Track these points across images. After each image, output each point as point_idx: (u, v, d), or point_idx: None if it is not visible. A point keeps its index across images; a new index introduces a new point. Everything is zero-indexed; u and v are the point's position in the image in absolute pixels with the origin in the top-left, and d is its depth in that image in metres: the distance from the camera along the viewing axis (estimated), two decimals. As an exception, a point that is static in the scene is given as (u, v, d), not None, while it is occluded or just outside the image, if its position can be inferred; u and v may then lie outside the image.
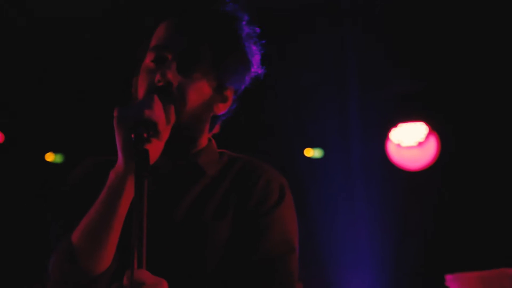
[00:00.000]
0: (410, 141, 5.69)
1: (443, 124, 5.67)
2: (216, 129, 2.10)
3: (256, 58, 2.05)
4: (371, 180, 5.68)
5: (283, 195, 2.00)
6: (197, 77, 1.95)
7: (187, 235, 1.94)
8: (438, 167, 5.70)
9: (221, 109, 2.03)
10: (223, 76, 1.99)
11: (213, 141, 2.10)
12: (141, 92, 1.94)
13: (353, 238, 5.69)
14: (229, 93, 2.03)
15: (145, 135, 1.72)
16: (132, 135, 1.71)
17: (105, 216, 1.81)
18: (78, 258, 1.82)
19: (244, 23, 2.02)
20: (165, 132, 1.80)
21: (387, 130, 5.73)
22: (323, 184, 5.68)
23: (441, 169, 5.68)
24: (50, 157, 5.88)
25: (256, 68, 2.06)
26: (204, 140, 2.06)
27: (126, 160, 1.76)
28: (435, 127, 5.70)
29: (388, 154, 5.74)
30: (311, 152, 5.90)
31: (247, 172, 2.03)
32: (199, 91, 1.95)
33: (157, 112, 1.77)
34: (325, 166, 5.77)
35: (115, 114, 1.77)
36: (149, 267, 1.75)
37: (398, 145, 5.72)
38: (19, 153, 5.77)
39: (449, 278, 4.21)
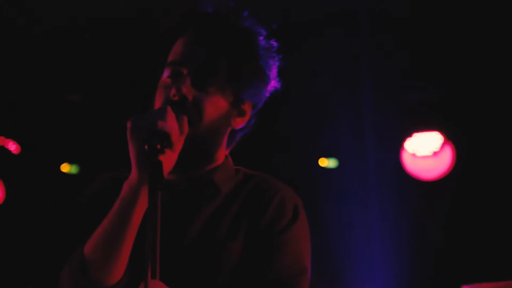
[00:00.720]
0: (425, 151, 5.67)
1: (458, 133, 5.65)
2: (234, 144, 2.10)
3: (273, 72, 2.05)
4: (386, 190, 5.66)
5: (296, 215, 2.01)
6: (213, 91, 1.96)
7: (200, 253, 1.95)
8: (453, 177, 5.67)
9: (239, 123, 2.04)
10: (239, 90, 2.00)
11: (229, 158, 2.10)
12: (157, 106, 1.95)
13: (367, 248, 5.66)
14: (247, 107, 2.04)
15: (158, 146, 1.73)
16: (146, 146, 1.72)
17: (118, 227, 1.82)
18: (90, 269, 1.83)
19: (261, 37, 2.02)
20: (178, 143, 1.81)
21: (402, 139, 5.71)
22: (338, 194, 5.67)
23: (456, 179, 5.66)
24: (65, 168, 5.90)
25: (274, 82, 2.05)
26: (221, 155, 2.06)
27: (139, 171, 1.77)
28: (450, 136, 5.68)
29: (403, 164, 5.72)
30: (326, 162, 5.89)
31: (261, 190, 2.04)
32: (215, 104, 1.96)
33: (170, 123, 1.78)
34: (340, 176, 5.76)
35: (129, 125, 1.77)
36: (162, 278, 1.76)
37: (413, 155, 5.70)
38: (35, 163, 5.79)
39: (465, 289, 4.18)
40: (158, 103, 1.96)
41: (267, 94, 2.06)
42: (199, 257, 1.94)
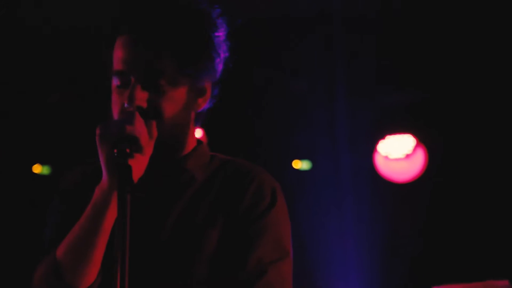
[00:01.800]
0: (398, 153, 5.70)
1: (431, 136, 5.68)
2: (203, 120, 2.07)
3: (223, 41, 2.00)
4: (359, 192, 5.68)
5: (275, 199, 1.99)
6: (167, 88, 1.92)
7: (178, 242, 1.94)
8: (426, 179, 5.71)
9: (201, 104, 2.01)
10: (193, 74, 1.95)
11: (204, 144, 2.08)
12: (115, 114, 1.93)
13: (341, 250, 5.68)
14: (206, 85, 2.00)
15: (127, 150, 1.72)
16: (115, 150, 1.72)
17: (90, 232, 1.82)
18: (63, 273, 1.84)
19: (198, 13, 1.97)
20: (148, 147, 1.81)
21: (375, 142, 5.74)
22: (311, 196, 5.68)
23: (429, 181, 5.69)
24: (37, 169, 5.86)
25: (225, 53, 2.01)
26: (191, 140, 2.04)
27: (110, 176, 1.77)
28: (422, 139, 5.71)
29: (376, 166, 5.75)
30: (299, 164, 5.90)
31: (238, 176, 2.02)
32: (172, 100, 1.93)
33: (139, 128, 1.78)
34: (313, 178, 5.77)
35: (97, 131, 1.77)
36: (140, 277, 1.78)
37: (386, 157, 5.72)
38: (6, 165, 5.75)
39: (435, 291, 4.20)
40: (115, 111, 1.94)
41: (222, 65, 2.01)
42: (177, 247, 1.94)
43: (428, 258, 5.65)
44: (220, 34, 1.99)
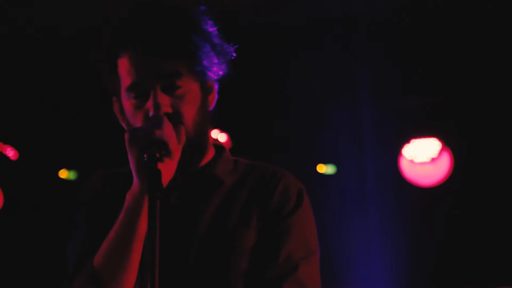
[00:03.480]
0: (423, 157, 5.68)
1: (456, 140, 5.66)
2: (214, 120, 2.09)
3: (223, 44, 2.01)
4: (384, 196, 5.66)
5: (301, 199, 2.03)
6: (184, 90, 1.95)
7: (213, 246, 1.96)
8: (451, 183, 5.68)
9: (211, 102, 2.05)
10: (202, 76, 1.98)
11: (227, 150, 2.12)
12: (138, 125, 1.93)
13: (366, 255, 5.67)
14: (210, 83, 2.04)
15: (157, 154, 1.74)
16: (145, 155, 1.73)
17: (125, 238, 1.83)
18: (102, 281, 1.85)
19: (197, 17, 1.99)
20: (176, 152, 1.82)
21: (400, 146, 5.72)
22: (336, 201, 5.67)
23: (454, 186, 5.66)
24: (63, 174, 5.90)
25: (226, 51, 2.03)
26: (210, 141, 2.08)
27: (141, 181, 1.78)
28: (448, 143, 5.69)
29: (401, 170, 5.73)
30: (324, 168, 5.89)
31: (265, 178, 2.05)
32: (191, 102, 1.96)
33: (168, 132, 1.79)
34: (338, 182, 5.76)
35: (127, 136, 1.78)
36: (175, 285, 1.82)
37: (411, 161, 5.70)
38: (33, 169, 5.79)
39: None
40: (137, 123, 1.93)
41: (226, 62, 2.03)
42: (212, 250, 1.95)
43: (454, 262, 5.63)
44: (217, 33, 2.01)
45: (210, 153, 2.08)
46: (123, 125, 2.02)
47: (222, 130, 5.50)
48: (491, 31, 5.20)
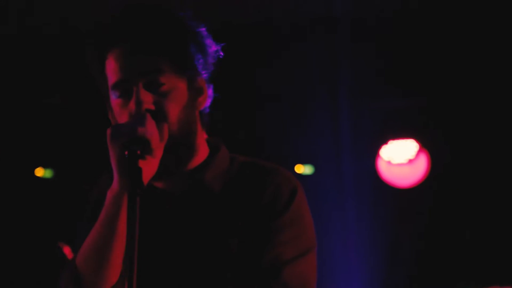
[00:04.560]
0: (401, 158, 5.70)
1: (434, 141, 5.68)
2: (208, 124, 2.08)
3: (208, 39, 2.01)
4: (362, 197, 5.67)
5: (293, 196, 2.00)
6: (168, 88, 1.93)
7: (200, 257, 1.95)
8: (429, 184, 5.70)
9: (202, 103, 2.02)
10: (188, 74, 1.97)
11: (224, 147, 2.10)
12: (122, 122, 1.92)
13: (343, 255, 5.67)
14: (201, 83, 2.02)
15: (138, 152, 1.72)
16: (126, 152, 1.72)
17: (105, 237, 1.82)
18: (83, 281, 1.84)
19: (180, 15, 1.99)
20: (158, 150, 1.81)
21: (378, 147, 5.74)
22: (313, 201, 5.65)
23: (432, 187, 5.69)
24: (39, 172, 5.86)
25: (214, 47, 2.03)
26: (202, 143, 2.05)
27: (121, 178, 1.77)
28: (425, 144, 5.71)
29: (379, 171, 5.74)
30: (302, 169, 5.90)
31: (257, 178, 2.02)
32: (175, 100, 1.94)
33: (150, 129, 1.78)
34: (315, 183, 5.76)
35: (108, 132, 1.77)
36: None
37: (389, 162, 5.72)
38: (8, 167, 5.74)
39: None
40: (122, 122, 1.92)
41: (212, 60, 2.03)
42: (201, 259, 1.94)
43: (430, 263, 5.65)
44: (202, 32, 2.01)
45: (202, 155, 2.04)
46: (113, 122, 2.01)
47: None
48: (471, 33, 5.23)
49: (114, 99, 1.94)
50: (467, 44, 5.30)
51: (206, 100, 2.03)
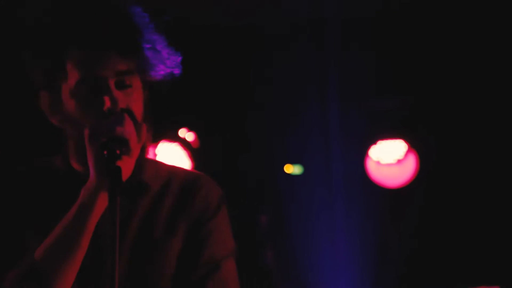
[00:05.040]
0: (389, 159, 5.71)
1: (422, 142, 5.70)
2: None
3: (170, 47, 2.01)
4: (351, 197, 5.68)
5: (221, 203, 2.09)
6: (133, 90, 1.94)
7: (140, 256, 1.97)
8: (417, 184, 5.72)
9: (147, 104, 2.04)
10: (147, 76, 1.98)
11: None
12: (87, 120, 1.89)
13: (332, 255, 5.68)
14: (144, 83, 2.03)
15: (117, 151, 1.73)
16: (105, 152, 1.73)
17: (75, 233, 1.82)
18: (42, 275, 1.82)
19: (138, 11, 1.98)
20: (135, 150, 1.82)
21: (367, 147, 5.75)
22: (302, 201, 5.68)
23: (420, 187, 5.70)
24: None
25: (172, 55, 2.02)
26: None
27: (98, 177, 1.77)
28: (414, 144, 5.72)
29: (368, 171, 5.76)
30: (291, 168, 5.90)
31: (188, 184, 2.08)
32: (138, 101, 1.96)
33: (128, 129, 1.79)
34: (305, 183, 5.78)
35: (87, 131, 1.78)
36: None
37: (378, 163, 5.73)
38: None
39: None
40: (88, 117, 1.89)
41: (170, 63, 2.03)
42: (140, 257, 1.97)
43: (419, 263, 5.66)
44: (162, 36, 2.01)
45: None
46: (53, 120, 1.98)
47: (190, 129, 5.49)
48: (459, 32, 5.25)
49: (78, 94, 1.90)
50: (455, 44, 5.32)
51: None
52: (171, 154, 5.31)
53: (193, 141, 5.47)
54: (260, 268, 5.46)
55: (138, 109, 1.94)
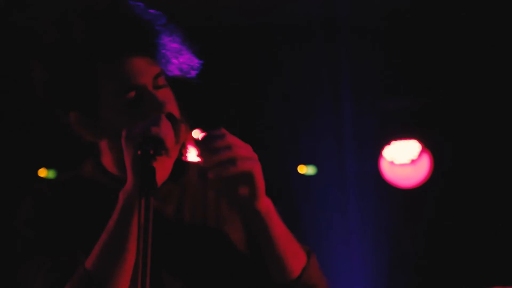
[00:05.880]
0: (403, 159, 5.69)
1: (437, 142, 5.68)
2: None
3: (192, 53, 2.02)
4: (364, 197, 5.67)
5: None
6: (167, 91, 1.96)
7: (201, 244, 1.97)
8: (431, 185, 5.70)
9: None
10: (176, 76, 2.00)
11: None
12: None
13: (346, 256, 5.67)
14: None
15: (151, 151, 1.71)
16: (139, 152, 1.71)
17: (120, 237, 1.80)
18: (98, 284, 1.81)
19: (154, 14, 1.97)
20: (174, 151, 1.80)
21: (381, 147, 5.73)
22: (316, 202, 5.67)
23: (434, 187, 5.68)
24: (43, 173, 5.84)
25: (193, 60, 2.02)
26: None
27: (135, 179, 1.75)
28: (428, 145, 5.71)
29: (381, 172, 5.74)
30: (305, 169, 5.89)
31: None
32: (173, 102, 1.97)
33: (164, 129, 1.77)
34: (318, 183, 5.76)
35: (123, 133, 1.76)
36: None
37: (391, 163, 5.72)
38: (11, 169, 5.72)
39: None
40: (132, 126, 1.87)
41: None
42: (203, 246, 1.97)
43: (433, 263, 5.64)
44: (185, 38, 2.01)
45: None
46: (89, 138, 1.98)
47: (203, 130, 5.47)
48: (476, 32, 5.23)
49: (120, 104, 1.90)
50: (471, 44, 5.30)
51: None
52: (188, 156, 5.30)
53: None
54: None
55: (174, 108, 1.93)
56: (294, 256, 1.96)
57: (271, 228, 1.89)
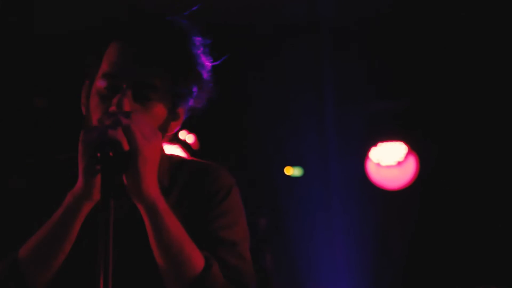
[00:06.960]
0: (390, 161, 5.70)
1: (423, 144, 5.69)
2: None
3: (208, 73, 2.02)
4: (350, 199, 5.68)
5: (230, 189, 2.05)
6: (154, 104, 1.93)
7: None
8: (417, 187, 5.71)
9: (173, 127, 2.03)
10: (178, 99, 1.98)
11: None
12: (94, 117, 1.91)
13: (331, 257, 5.68)
14: (181, 111, 2.02)
15: (110, 154, 1.71)
16: (98, 154, 1.70)
17: (59, 237, 1.82)
18: (24, 276, 1.83)
19: (196, 38, 1.99)
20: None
21: (367, 149, 5.74)
22: (302, 203, 5.68)
23: (420, 189, 5.69)
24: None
25: (209, 83, 2.03)
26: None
27: (85, 183, 1.75)
28: (414, 147, 5.72)
29: (368, 173, 5.75)
30: (291, 171, 5.90)
31: (198, 171, 2.07)
32: (155, 117, 1.94)
33: (121, 132, 1.76)
34: (304, 185, 5.77)
35: (81, 137, 1.75)
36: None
37: (378, 164, 5.72)
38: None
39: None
40: (95, 114, 1.91)
41: (206, 92, 2.03)
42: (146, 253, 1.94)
43: (417, 264, 5.66)
44: (207, 64, 2.02)
45: None
46: (82, 108, 2.00)
47: (190, 131, 5.48)
48: (457, 34, 5.24)
49: (100, 87, 1.92)
50: (454, 46, 5.31)
51: (178, 127, 2.03)
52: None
53: (193, 143, 5.46)
54: (259, 270, 5.45)
55: (149, 123, 1.86)
56: (187, 260, 1.88)
57: (156, 222, 1.83)
